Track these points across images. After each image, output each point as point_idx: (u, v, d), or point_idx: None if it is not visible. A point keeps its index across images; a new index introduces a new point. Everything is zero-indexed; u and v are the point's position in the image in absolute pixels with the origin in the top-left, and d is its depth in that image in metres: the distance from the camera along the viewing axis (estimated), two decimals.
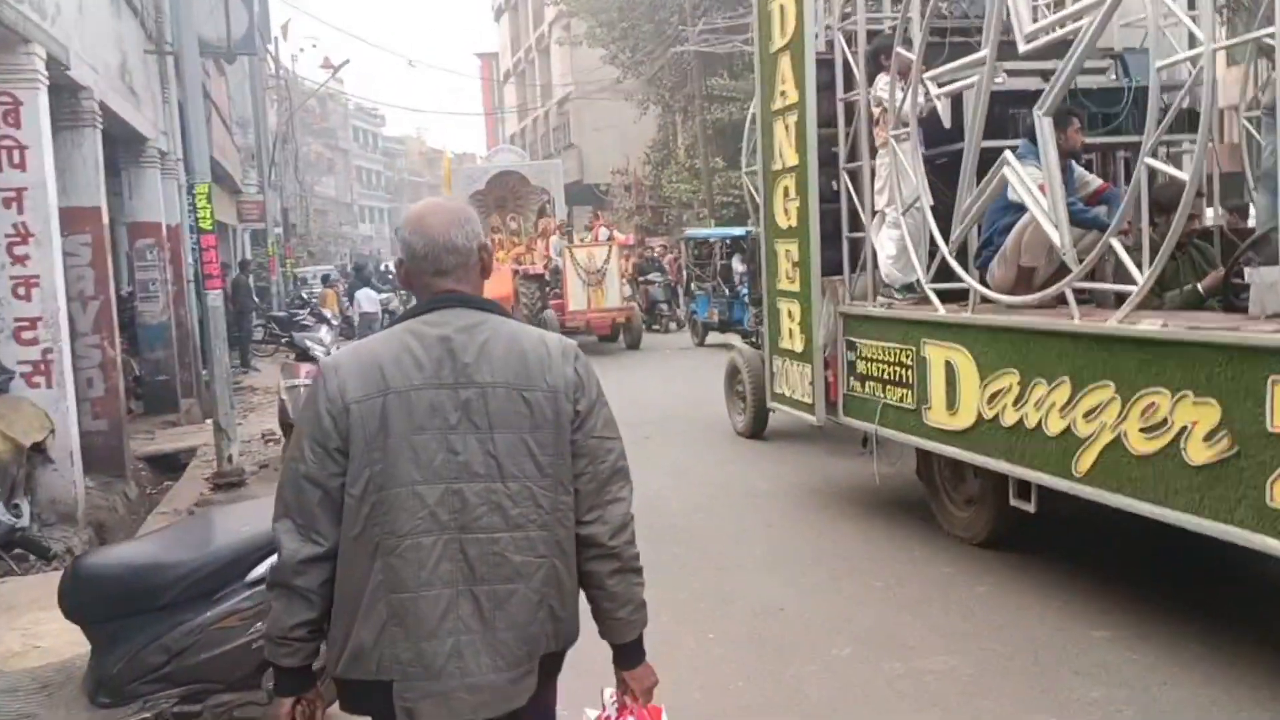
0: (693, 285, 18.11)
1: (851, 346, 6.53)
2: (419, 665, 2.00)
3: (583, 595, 2.19)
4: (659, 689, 2.28)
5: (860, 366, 6.42)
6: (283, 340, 10.40)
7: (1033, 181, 4.90)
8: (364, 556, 2.01)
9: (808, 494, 7.54)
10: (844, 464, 8.31)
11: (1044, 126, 4.68)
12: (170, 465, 11.43)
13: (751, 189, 8.82)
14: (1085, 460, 4.46)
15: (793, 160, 6.88)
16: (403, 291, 21.15)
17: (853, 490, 7.53)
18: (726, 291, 16.50)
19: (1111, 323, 4.35)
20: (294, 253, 32.17)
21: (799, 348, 7.02)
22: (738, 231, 16.68)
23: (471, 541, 2.02)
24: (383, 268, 32.38)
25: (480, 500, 2.02)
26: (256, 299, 22.62)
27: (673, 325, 19.90)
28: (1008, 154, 5.03)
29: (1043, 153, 4.68)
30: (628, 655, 2.23)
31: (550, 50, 41.42)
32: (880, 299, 6.34)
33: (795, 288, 7.02)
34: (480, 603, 2.02)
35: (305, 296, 22.55)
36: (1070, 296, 4.60)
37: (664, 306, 20.24)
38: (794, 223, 6.95)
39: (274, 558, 2.12)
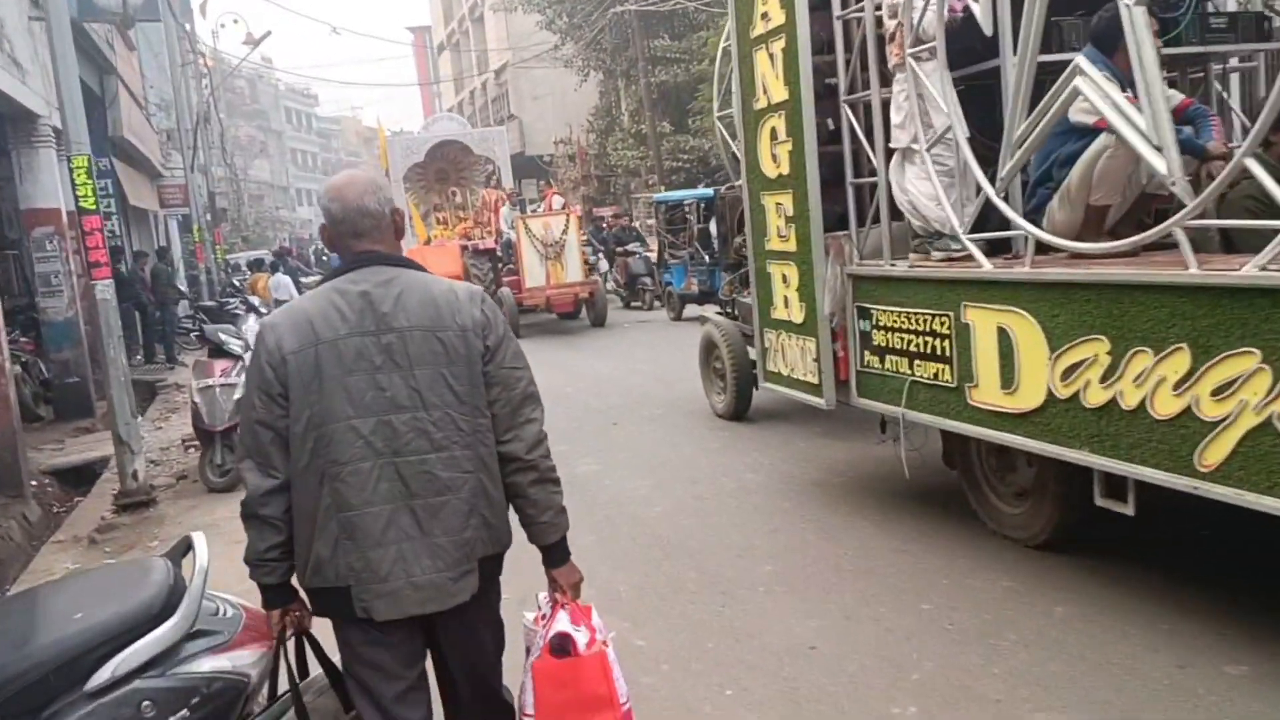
0: (666, 254, 16.45)
1: (865, 314, 5.39)
2: (369, 571, 2.36)
3: None
4: None
5: (878, 338, 5.29)
6: (193, 333, 9.01)
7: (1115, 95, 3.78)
8: (313, 483, 2.37)
9: (810, 488, 6.42)
10: (845, 449, 7.21)
11: (1136, 18, 3.54)
12: (82, 478, 10.09)
13: (725, 137, 7.60)
14: (1215, 451, 3.37)
15: (780, 95, 5.70)
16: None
17: (864, 481, 6.42)
18: (706, 259, 14.96)
19: (1251, 269, 3.25)
20: (225, 238, 30.36)
21: (798, 319, 5.87)
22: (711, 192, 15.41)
23: (404, 463, 2.37)
24: (315, 250, 30.74)
25: (408, 428, 2.37)
26: (183, 288, 21.02)
27: (657, 302, 17.96)
28: (1080, 60, 3.89)
29: (1137, 51, 3.55)
30: (553, 555, 2.60)
31: (485, 19, 39.70)
32: (913, 255, 5.17)
33: (790, 248, 5.85)
34: (417, 514, 2.38)
35: (237, 284, 20.93)
36: (1183, 239, 3.49)
37: (647, 280, 17.95)
38: (785, 170, 5.78)
39: (119, 655, 2.34)
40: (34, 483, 9.46)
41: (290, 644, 2.63)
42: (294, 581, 2.51)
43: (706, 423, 8.59)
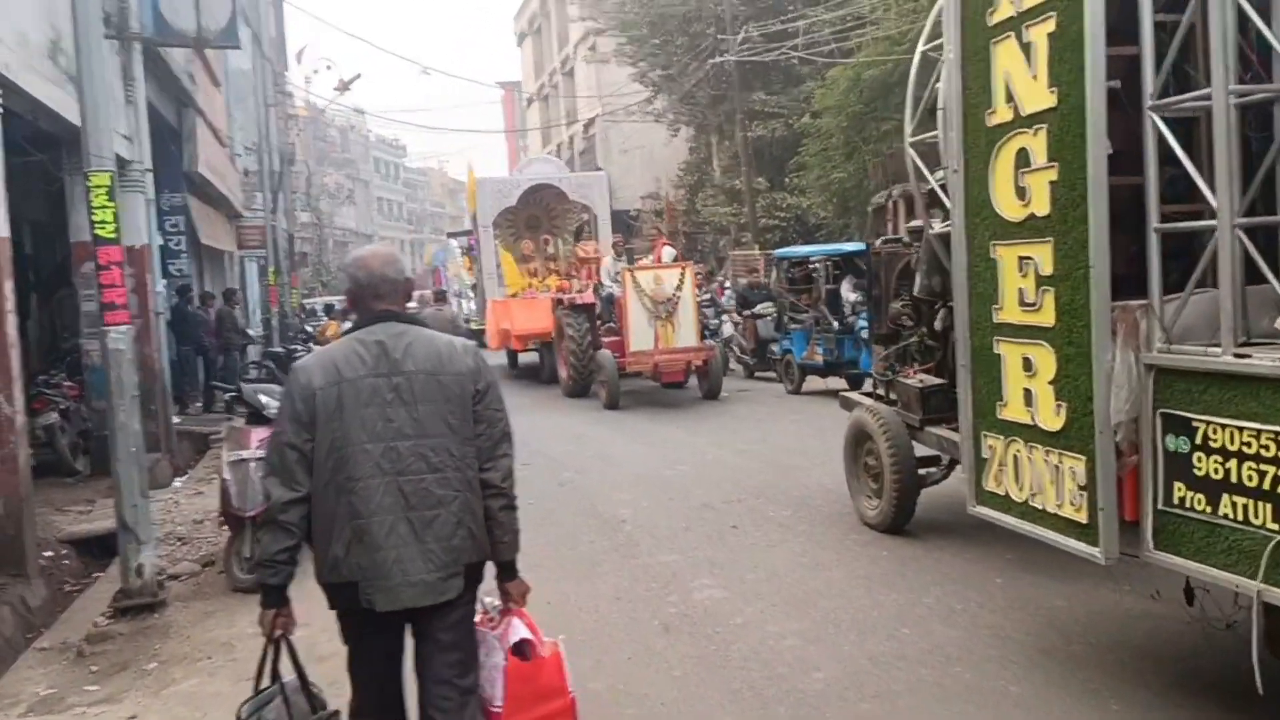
0: (785, 317, 14.07)
1: (1180, 428, 3.50)
2: (373, 569, 2.86)
3: None
4: None
5: (1206, 466, 3.39)
6: (228, 395, 7.45)
7: None
8: (332, 496, 2.87)
9: (1038, 659, 4.45)
10: (1064, 592, 5.24)
11: None
12: (108, 548, 8.55)
13: (920, 168, 5.78)
14: None
15: (1041, 102, 3.89)
16: None
17: (1116, 652, 4.46)
18: (835, 325, 12.89)
19: None
20: (304, 283, 29.38)
21: (1051, 424, 3.99)
22: (852, 247, 13.33)
23: (405, 481, 2.89)
24: None
25: (410, 453, 2.91)
26: (252, 333, 19.78)
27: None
28: None
29: None
30: (508, 571, 3.13)
31: (575, 72, 38.75)
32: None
33: (1043, 320, 3.99)
34: (414, 524, 2.89)
35: (310, 330, 19.69)
36: None
37: (775, 349, 14.92)
38: (1042, 209, 3.94)
39: None
40: (47, 554, 7.94)
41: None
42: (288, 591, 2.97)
43: (854, 534, 6.67)
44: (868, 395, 7.55)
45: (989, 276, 4.33)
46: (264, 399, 6.86)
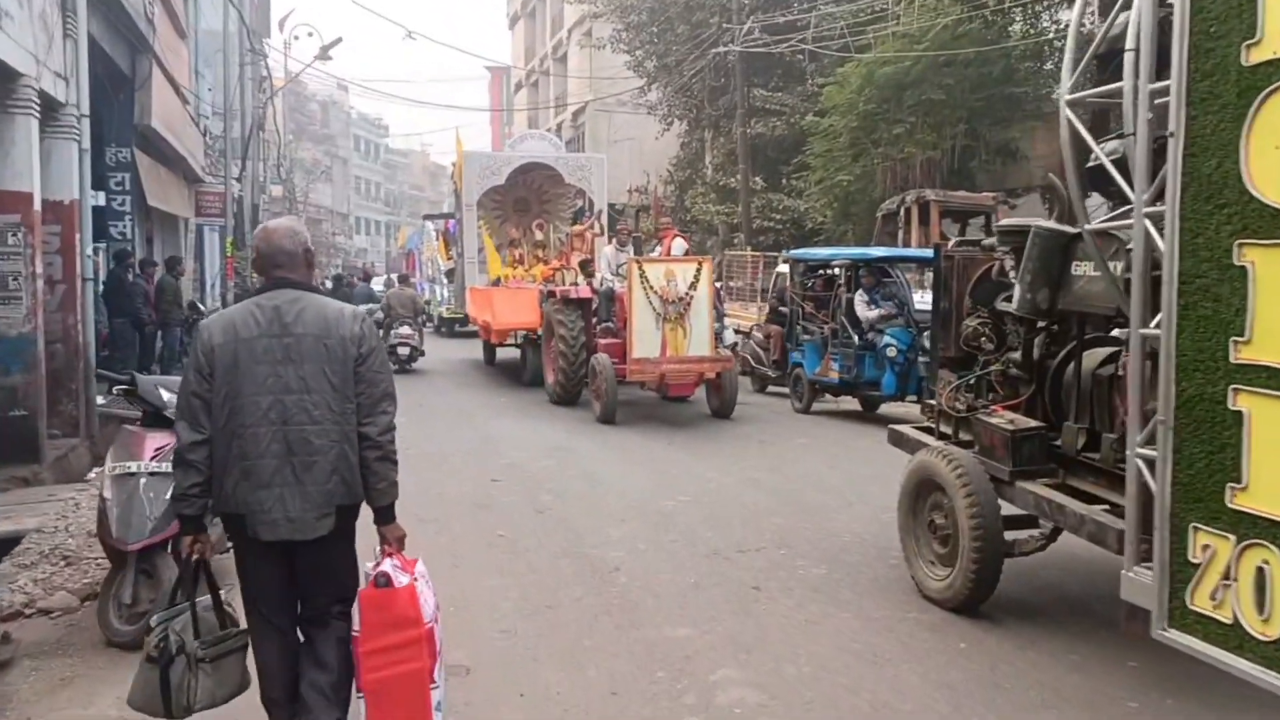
0: (798, 327, 12.30)
1: None
2: (258, 505, 3.20)
3: None
4: None
5: None
6: (116, 387, 5.75)
7: None
8: (226, 439, 3.21)
9: None
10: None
11: None
12: None
13: (1080, 132, 4.13)
14: None
15: None
16: (380, 308, 16.59)
17: None
18: (855, 338, 11.25)
19: None
20: None
21: None
22: (917, 252, 11.78)
23: (289, 430, 3.21)
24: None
25: (294, 406, 3.21)
26: (204, 306, 18.00)
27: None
28: None
29: None
30: (384, 515, 3.37)
31: (567, 58, 37.14)
32: None
33: None
34: (295, 469, 3.21)
35: None
36: None
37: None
38: None
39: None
40: None
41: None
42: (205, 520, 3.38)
43: (914, 610, 5.18)
44: (923, 430, 6.06)
45: (1226, 292, 2.85)
46: (165, 394, 5.25)
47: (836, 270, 11.95)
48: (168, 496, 5.01)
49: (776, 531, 6.75)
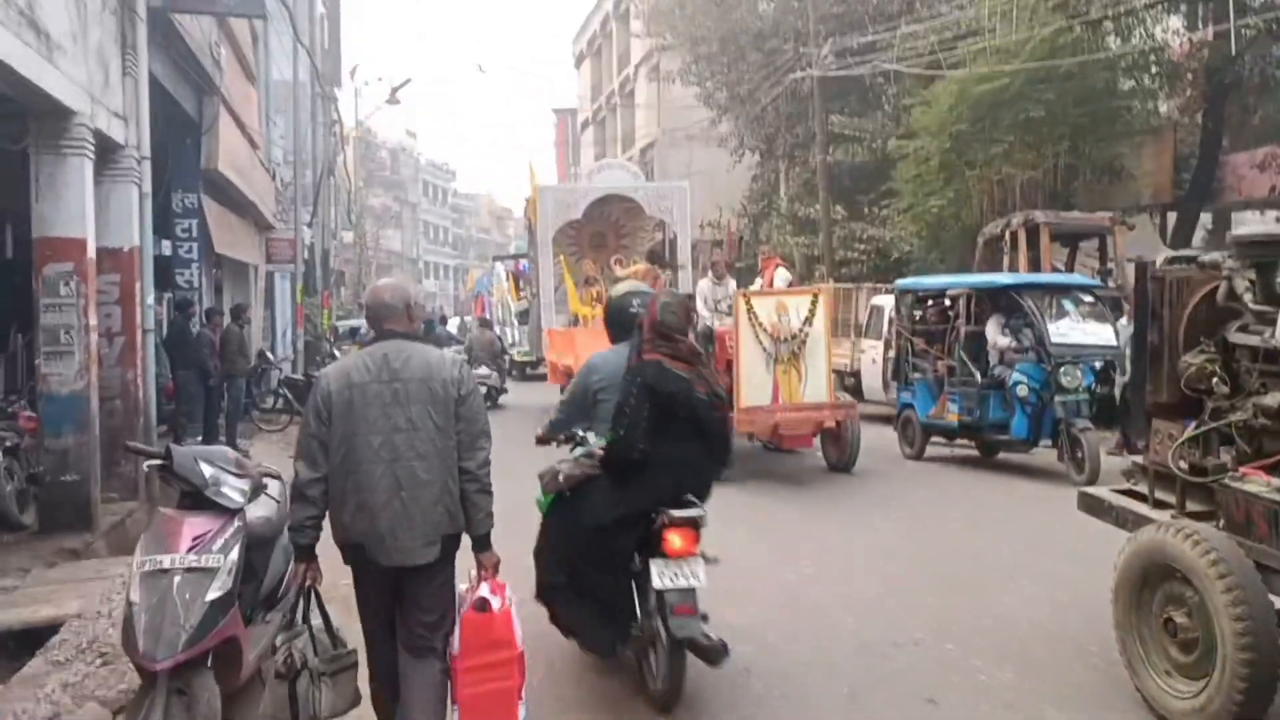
0: (906, 364, 11.03)
1: None
2: (373, 534, 3.56)
3: None
4: None
5: None
6: (150, 462, 4.79)
7: None
8: (342, 476, 3.58)
9: None
10: None
11: None
12: (31, 640, 6.17)
13: None
14: None
15: None
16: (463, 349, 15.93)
17: None
18: (977, 376, 10.01)
19: None
20: (341, 304, 27.08)
21: None
22: (1065, 278, 10.76)
23: (399, 466, 3.56)
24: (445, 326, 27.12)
25: (403, 444, 3.56)
26: (272, 356, 17.38)
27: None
28: None
29: None
30: (481, 543, 3.71)
31: (635, 94, 36.48)
32: None
33: None
34: (404, 501, 3.55)
35: (338, 355, 17.32)
36: None
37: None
38: None
39: None
40: None
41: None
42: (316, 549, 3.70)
43: None
44: (1128, 495, 4.85)
45: None
46: (207, 469, 4.30)
47: (951, 301, 10.67)
48: (208, 598, 4.07)
49: (933, 617, 5.56)
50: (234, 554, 4.25)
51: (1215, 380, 4.29)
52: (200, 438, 12.86)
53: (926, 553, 6.97)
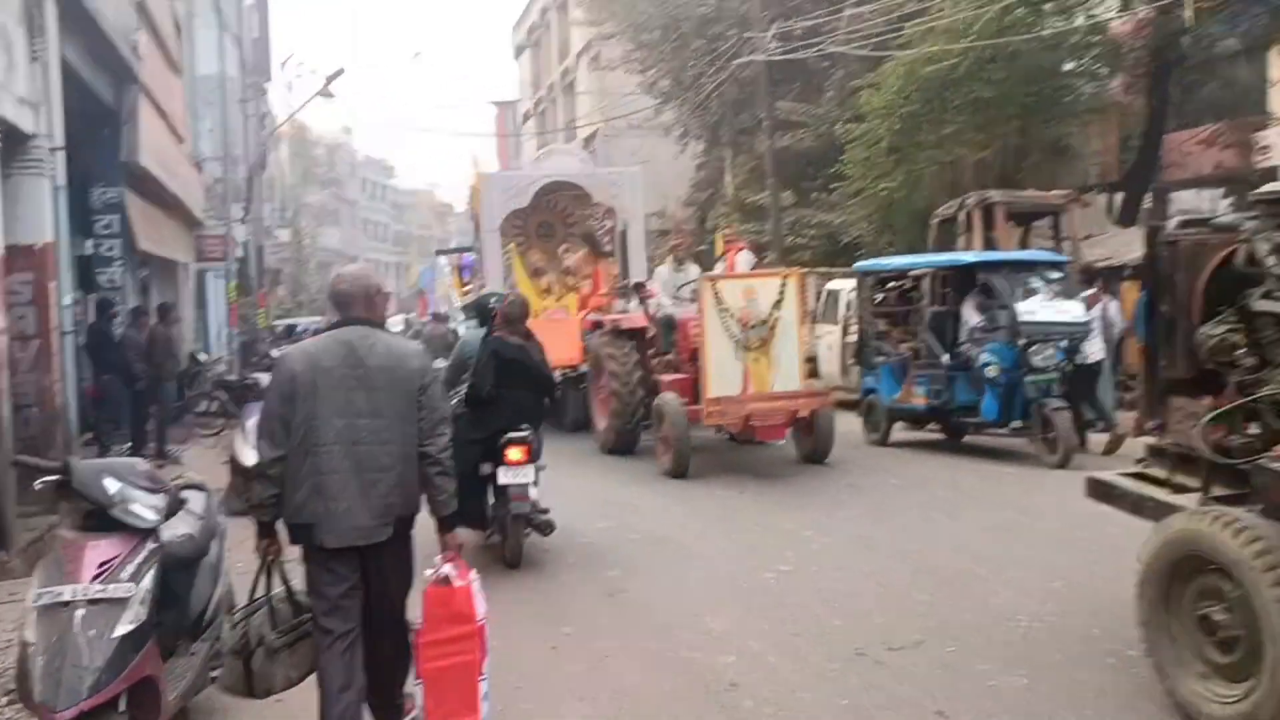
0: (869, 347, 10.57)
1: None
2: (327, 515, 3.58)
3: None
4: None
5: None
6: (42, 479, 4.16)
7: None
8: (301, 456, 3.59)
9: None
10: None
11: None
12: None
13: None
14: None
15: None
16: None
17: None
18: (945, 358, 9.58)
19: None
20: (279, 303, 26.12)
21: None
22: (972, 257, 10.09)
23: (358, 450, 3.60)
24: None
25: (364, 428, 3.61)
26: (203, 357, 16.53)
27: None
28: None
29: None
30: (444, 524, 3.79)
31: (576, 84, 35.85)
32: None
33: None
34: (362, 483, 3.59)
35: (274, 357, 16.52)
36: None
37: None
38: None
39: None
40: None
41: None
42: (277, 525, 3.71)
43: None
44: (1140, 479, 4.46)
45: None
46: (112, 485, 3.71)
47: (914, 281, 10.30)
48: (117, 634, 3.50)
49: (927, 616, 5.14)
50: (147, 581, 3.69)
51: (1241, 352, 3.91)
52: (129, 444, 12.09)
53: (907, 544, 6.58)
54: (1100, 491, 4.55)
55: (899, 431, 10.71)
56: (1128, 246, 16.08)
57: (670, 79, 26.51)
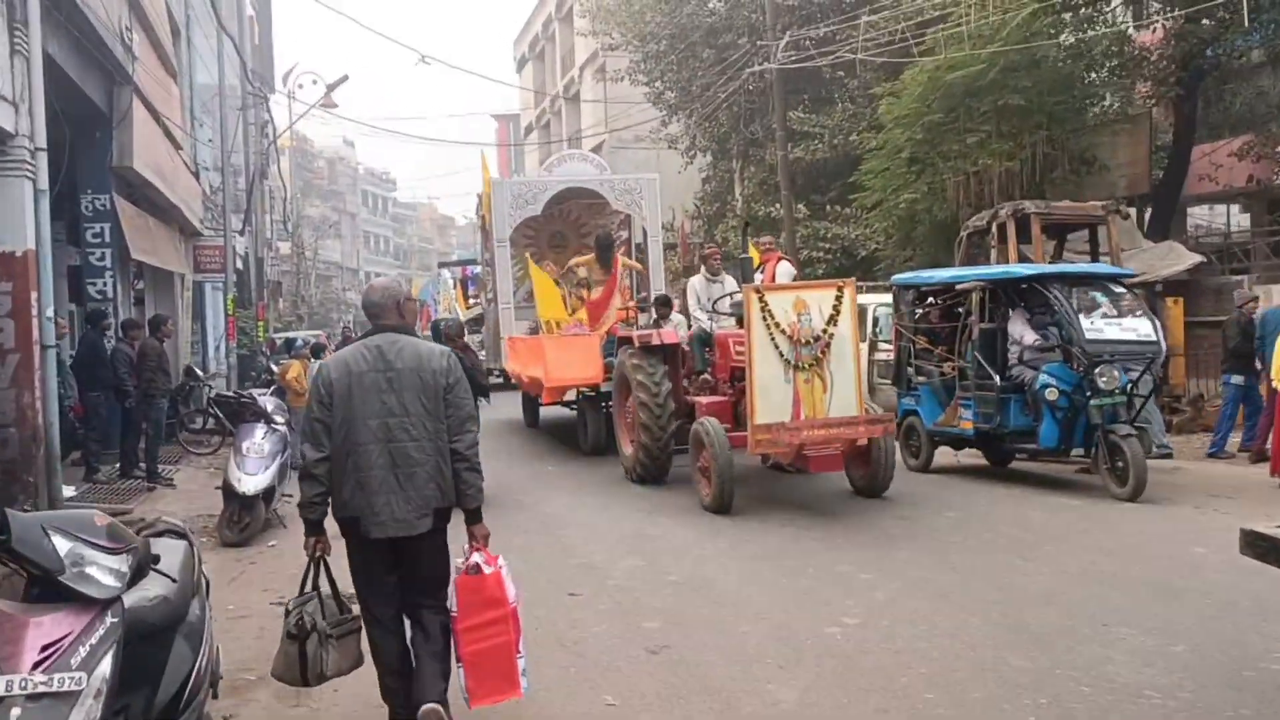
0: (908, 368, 9.86)
1: None
2: (370, 509, 3.88)
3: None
4: None
5: None
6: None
7: None
8: (342, 456, 3.90)
9: None
10: None
11: None
12: None
13: None
14: None
15: None
16: None
17: None
18: (996, 379, 8.72)
19: None
20: (280, 316, 25.31)
21: None
22: (1026, 270, 9.18)
23: (394, 447, 3.89)
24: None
25: (397, 426, 3.90)
26: (201, 372, 15.73)
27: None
28: None
29: None
30: (472, 517, 4.03)
31: (580, 96, 35.18)
32: None
33: None
34: (399, 478, 3.89)
35: (275, 369, 15.72)
36: None
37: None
38: None
39: None
40: None
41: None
42: (324, 523, 3.99)
43: None
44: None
45: None
46: (64, 545, 2.92)
47: (960, 296, 9.47)
48: None
49: (1035, 689, 4.31)
50: (104, 666, 2.90)
51: None
52: (117, 466, 11.28)
53: (984, 593, 5.76)
54: (1264, 549, 3.74)
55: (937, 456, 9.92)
56: (1161, 261, 15.37)
57: (678, 90, 25.84)
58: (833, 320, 7.65)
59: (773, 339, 7.56)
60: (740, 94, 23.03)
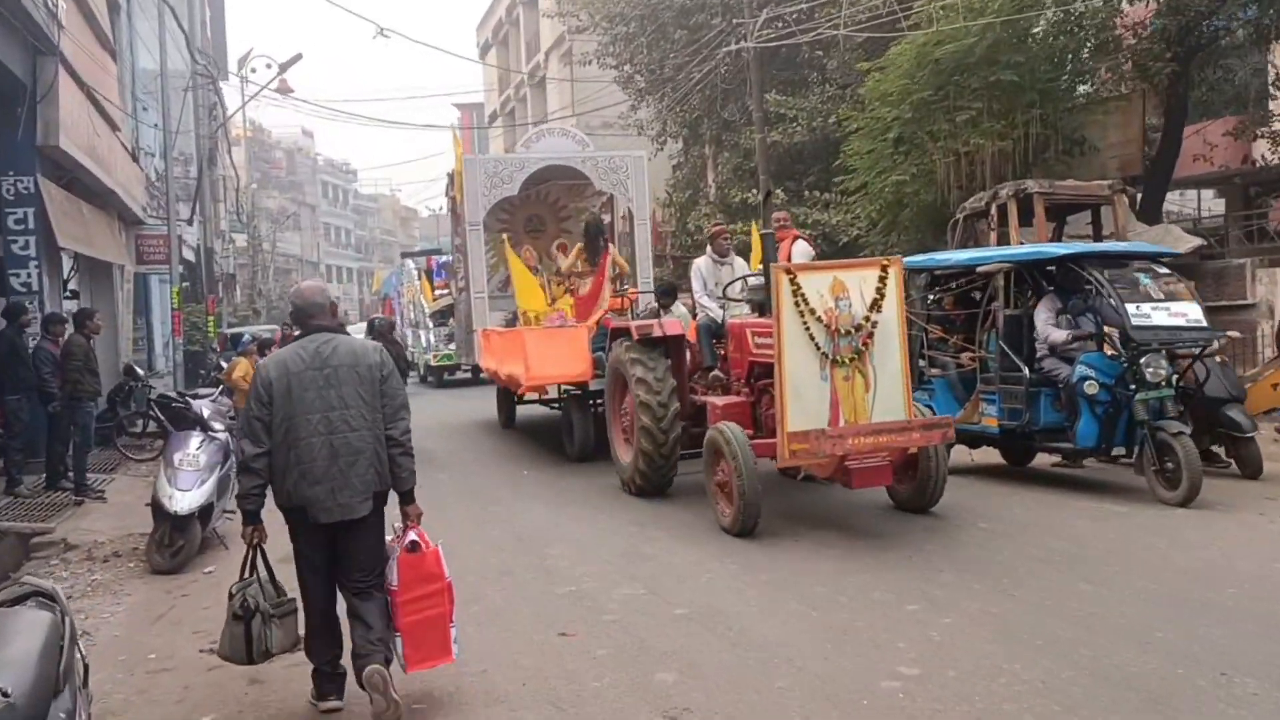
0: (923, 359, 8.74)
1: None
2: (314, 498, 4.15)
3: None
4: None
5: None
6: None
7: None
8: (285, 449, 4.15)
9: None
10: None
11: None
12: None
13: None
14: None
15: None
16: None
17: None
18: (1026, 371, 7.79)
19: None
20: (220, 308, 23.88)
21: None
22: (1061, 249, 8.16)
23: (335, 439, 4.16)
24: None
25: (339, 420, 4.18)
26: (141, 370, 14.42)
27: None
28: None
29: None
30: (406, 498, 4.37)
31: (546, 82, 33.95)
32: None
33: None
34: (341, 467, 4.16)
35: (223, 366, 14.48)
36: None
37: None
38: None
39: None
40: None
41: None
42: (261, 513, 4.25)
43: None
44: None
45: None
46: None
47: (980, 280, 8.48)
48: None
49: None
50: None
51: None
52: (43, 478, 10.03)
53: (1058, 629, 4.78)
54: None
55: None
56: (1156, 245, 14.62)
57: (648, 73, 24.75)
58: (876, 306, 6.41)
59: (807, 328, 6.29)
60: (714, 76, 22.00)
